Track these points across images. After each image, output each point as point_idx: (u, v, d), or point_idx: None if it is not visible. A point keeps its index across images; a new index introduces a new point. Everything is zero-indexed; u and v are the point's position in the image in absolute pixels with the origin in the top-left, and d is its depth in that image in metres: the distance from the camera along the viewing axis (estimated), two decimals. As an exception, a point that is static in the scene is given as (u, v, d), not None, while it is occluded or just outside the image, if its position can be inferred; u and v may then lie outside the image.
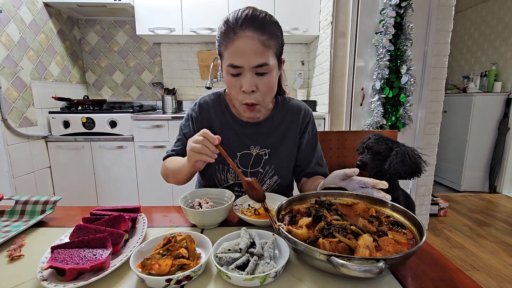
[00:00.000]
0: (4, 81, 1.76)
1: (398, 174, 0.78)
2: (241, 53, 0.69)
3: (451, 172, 3.28)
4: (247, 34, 0.69)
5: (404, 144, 0.82)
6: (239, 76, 0.73)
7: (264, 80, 0.73)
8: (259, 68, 0.71)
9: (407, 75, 1.82)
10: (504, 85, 3.03)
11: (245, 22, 0.69)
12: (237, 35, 0.69)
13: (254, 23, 0.70)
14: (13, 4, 1.84)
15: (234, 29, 0.69)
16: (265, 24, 0.71)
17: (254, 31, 0.69)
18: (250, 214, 0.69)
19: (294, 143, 0.90)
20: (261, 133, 0.88)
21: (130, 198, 2.16)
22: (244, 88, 0.72)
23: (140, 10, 2.20)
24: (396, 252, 0.46)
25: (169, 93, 2.48)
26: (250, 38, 0.69)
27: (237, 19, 0.70)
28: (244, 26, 0.69)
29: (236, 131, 0.88)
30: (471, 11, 3.51)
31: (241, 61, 0.70)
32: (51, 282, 0.43)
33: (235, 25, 0.70)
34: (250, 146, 0.88)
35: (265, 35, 0.70)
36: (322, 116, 2.10)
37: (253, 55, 0.70)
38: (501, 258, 1.86)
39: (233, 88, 0.75)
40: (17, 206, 0.69)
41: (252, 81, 0.72)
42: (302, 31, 2.23)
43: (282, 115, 0.90)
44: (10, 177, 1.78)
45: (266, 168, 0.88)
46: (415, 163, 0.77)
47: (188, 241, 0.50)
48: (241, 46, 0.69)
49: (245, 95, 0.74)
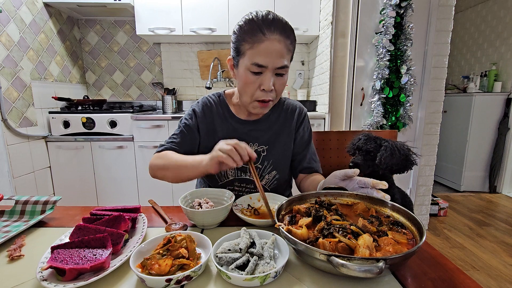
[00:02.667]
0: (4, 81, 1.76)
1: (390, 168, 0.79)
2: (269, 54, 0.73)
3: (451, 172, 3.28)
4: (275, 37, 0.73)
5: (392, 140, 0.83)
6: (259, 74, 0.76)
7: (281, 81, 0.79)
8: (280, 69, 0.76)
9: (407, 75, 1.82)
10: (504, 85, 3.03)
11: (273, 25, 0.73)
12: (266, 36, 0.73)
13: (281, 27, 0.74)
14: (13, 4, 1.84)
15: (262, 30, 0.72)
16: (289, 30, 0.76)
17: (281, 34, 0.74)
18: (250, 214, 0.69)
19: (289, 139, 0.94)
20: (259, 130, 0.91)
21: (130, 198, 2.16)
22: (265, 86, 0.76)
23: (140, 10, 2.20)
24: (396, 252, 0.46)
25: (169, 93, 2.48)
26: (278, 41, 0.73)
27: (264, 20, 0.73)
28: (273, 29, 0.73)
29: (235, 128, 0.91)
30: (471, 11, 3.51)
31: (267, 61, 0.73)
32: (51, 282, 0.43)
33: (262, 26, 0.73)
34: (249, 143, 0.90)
35: (289, 39, 0.76)
36: (322, 116, 2.10)
37: (278, 57, 0.74)
38: (501, 258, 1.86)
39: (251, 85, 0.78)
40: (17, 206, 0.69)
41: (272, 80, 0.77)
42: (302, 31, 2.23)
43: (278, 113, 0.94)
44: (10, 177, 1.78)
45: (265, 164, 0.91)
46: (404, 154, 0.79)
47: (188, 241, 0.50)
48: (270, 47, 0.73)
49: (264, 93, 0.78)
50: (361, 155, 0.83)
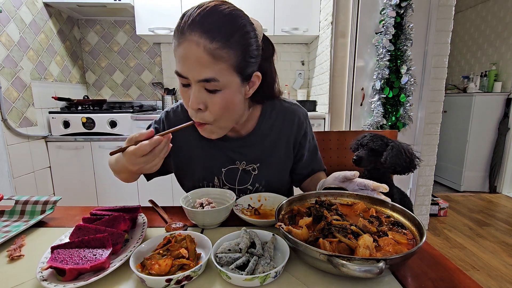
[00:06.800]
0: (4, 81, 1.76)
1: (393, 168, 0.79)
2: (185, 61, 0.56)
3: (451, 172, 3.28)
4: (193, 38, 0.53)
5: (398, 141, 0.84)
6: (187, 87, 0.60)
7: (215, 99, 0.59)
8: (206, 84, 0.57)
9: (407, 75, 1.82)
10: (504, 85, 3.03)
11: (194, 22, 0.53)
12: (184, 37, 0.55)
13: (204, 23, 0.53)
14: (13, 4, 1.84)
15: (182, 29, 0.55)
16: (219, 27, 0.54)
17: (201, 35, 0.53)
18: (250, 214, 0.69)
19: (287, 156, 0.80)
20: (247, 146, 0.77)
21: (130, 198, 2.16)
22: (189, 103, 0.59)
23: (140, 10, 2.20)
24: (396, 252, 0.46)
25: (169, 93, 2.48)
26: (195, 44, 0.53)
27: (189, 16, 0.54)
28: (192, 27, 0.53)
29: (218, 145, 0.77)
30: (471, 11, 3.51)
31: (185, 70, 0.57)
32: (51, 282, 0.43)
33: (185, 23, 0.54)
34: (235, 161, 0.78)
35: (216, 42, 0.53)
36: (322, 116, 2.10)
37: (197, 67, 0.55)
38: (501, 258, 1.85)
39: (184, 100, 0.62)
40: (17, 206, 0.69)
41: (199, 97, 0.58)
42: (302, 31, 2.23)
43: (270, 124, 0.78)
44: (10, 177, 1.78)
45: (256, 186, 0.79)
46: (409, 157, 0.79)
47: (188, 241, 0.50)
48: (185, 52, 0.55)
49: (192, 111, 0.61)
50: (365, 150, 0.83)
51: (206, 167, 0.79)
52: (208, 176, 0.80)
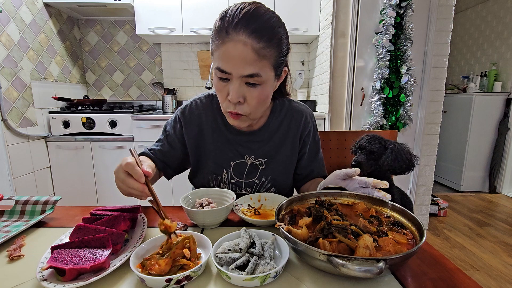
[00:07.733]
0: (4, 81, 1.76)
1: (393, 169, 0.79)
2: (230, 58, 0.60)
3: (451, 172, 3.28)
4: (240, 38, 0.59)
5: (396, 142, 0.84)
6: (226, 81, 0.64)
7: (254, 93, 0.65)
8: (249, 78, 0.62)
9: (407, 75, 1.82)
10: (504, 85, 3.03)
11: (240, 22, 0.58)
12: (229, 37, 0.59)
13: (250, 25, 0.58)
14: (13, 4, 1.84)
15: (227, 29, 0.59)
16: (264, 28, 0.60)
17: (248, 35, 0.59)
18: (251, 214, 0.69)
19: (292, 150, 0.84)
20: (256, 141, 0.81)
21: (130, 198, 2.15)
22: (230, 97, 0.64)
23: (140, 10, 2.20)
24: (396, 252, 0.46)
25: (169, 93, 2.48)
26: (242, 43, 0.59)
27: (233, 16, 0.59)
28: (238, 27, 0.59)
29: (229, 139, 0.81)
30: (471, 11, 3.51)
31: (229, 67, 0.61)
32: (51, 282, 0.43)
33: (230, 23, 0.59)
34: (244, 155, 0.81)
35: (262, 42, 0.60)
36: (322, 116, 2.10)
37: (243, 64, 0.60)
38: (501, 258, 1.85)
39: (220, 93, 0.67)
40: (17, 206, 0.69)
41: (239, 91, 0.64)
42: (302, 31, 2.23)
43: (279, 121, 0.83)
44: (10, 177, 1.78)
45: (262, 179, 0.82)
46: (408, 159, 0.80)
47: (191, 242, 0.50)
48: (231, 51, 0.60)
49: (231, 104, 0.66)
50: (364, 154, 0.83)
51: (217, 161, 0.82)
52: (218, 170, 0.82)
